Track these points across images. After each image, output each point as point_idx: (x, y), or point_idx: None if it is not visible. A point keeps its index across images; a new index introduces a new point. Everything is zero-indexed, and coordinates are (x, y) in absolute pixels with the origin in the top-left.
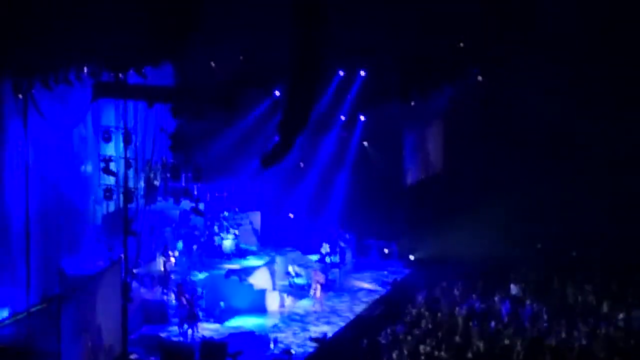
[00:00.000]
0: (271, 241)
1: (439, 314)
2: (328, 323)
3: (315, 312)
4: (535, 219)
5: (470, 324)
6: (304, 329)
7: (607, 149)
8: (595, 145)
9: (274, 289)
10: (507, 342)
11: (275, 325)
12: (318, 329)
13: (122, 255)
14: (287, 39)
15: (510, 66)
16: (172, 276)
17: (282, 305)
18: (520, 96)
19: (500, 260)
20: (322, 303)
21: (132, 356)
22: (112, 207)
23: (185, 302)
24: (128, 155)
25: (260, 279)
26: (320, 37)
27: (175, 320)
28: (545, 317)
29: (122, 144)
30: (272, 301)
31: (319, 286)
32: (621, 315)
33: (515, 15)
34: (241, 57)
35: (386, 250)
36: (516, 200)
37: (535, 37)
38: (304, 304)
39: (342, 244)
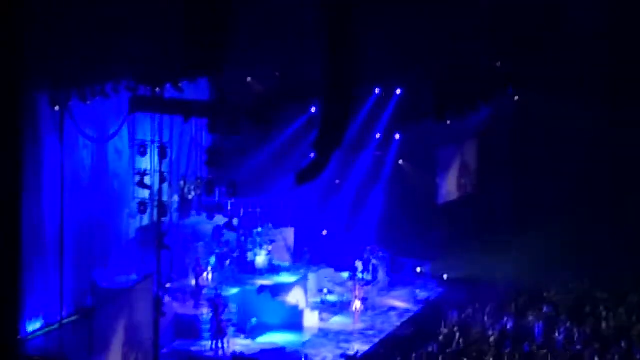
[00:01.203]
0: (304, 258)
1: (471, 334)
2: (360, 341)
3: (353, 329)
4: (572, 244)
5: (503, 344)
6: (336, 347)
7: None
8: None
9: (306, 305)
10: None
11: (307, 342)
12: (350, 347)
13: (155, 269)
14: (323, 54)
15: (546, 86)
16: (205, 291)
17: (314, 322)
18: (557, 116)
19: (534, 283)
20: (359, 318)
21: None
22: (145, 221)
23: (217, 317)
24: (163, 169)
25: (292, 295)
26: (355, 54)
27: (207, 335)
28: (578, 339)
29: (157, 158)
30: (305, 318)
31: (359, 301)
32: None
33: (550, 34)
34: (277, 73)
35: (419, 269)
36: (553, 224)
37: (569, 55)
38: (337, 321)
39: (374, 262)
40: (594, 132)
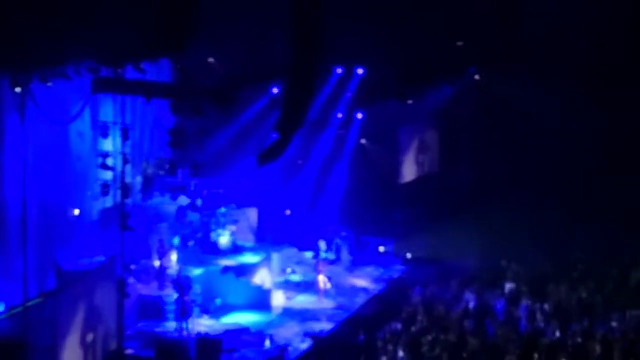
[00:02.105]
0: (268, 237)
1: (434, 312)
2: (324, 320)
3: (317, 308)
4: (533, 220)
5: (466, 322)
6: (301, 326)
7: (606, 149)
8: (594, 147)
9: (270, 285)
10: (501, 340)
11: (271, 322)
12: (314, 326)
13: (119, 251)
14: (286, 36)
15: (508, 66)
16: (168, 272)
17: (278, 301)
18: (518, 96)
19: (496, 260)
20: (325, 295)
21: (128, 351)
22: (109, 203)
23: (181, 297)
24: (125, 150)
25: (257, 275)
26: (317, 34)
27: (171, 316)
28: (540, 315)
29: (119, 140)
30: (269, 298)
31: (323, 280)
32: (616, 315)
33: (513, 14)
34: (240, 54)
35: (382, 248)
36: (514, 202)
37: (533, 37)
38: (301, 300)
39: (338, 241)
40: (555, 112)
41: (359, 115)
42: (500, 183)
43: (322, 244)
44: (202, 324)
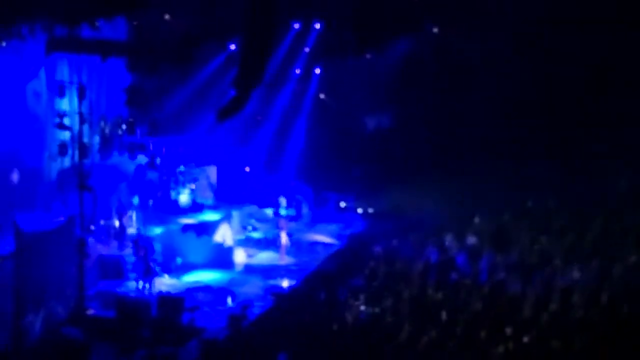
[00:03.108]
0: (227, 195)
1: (396, 267)
2: (286, 277)
3: (279, 265)
4: (490, 172)
5: (427, 276)
6: (263, 283)
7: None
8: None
9: (231, 243)
10: (463, 293)
11: (232, 280)
12: (276, 283)
13: (78, 211)
14: None
15: (465, 19)
16: (129, 231)
17: (240, 259)
18: (475, 50)
19: (457, 214)
20: (287, 252)
21: (89, 312)
22: (67, 163)
23: (141, 257)
24: (82, 110)
25: (218, 233)
26: None
27: (132, 275)
28: (501, 268)
29: (76, 99)
30: (230, 255)
31: (285, 237)
32: (576, 267)
33: None
34: (196, 11)
35: (343, 204)
36: (476, 156)
37: None
38: (263, 257)
39: (298, 197)
40: (514, 65)
41: (317, 71)
42: (462, 138)
43: (283, 201)
44: (164, 283)
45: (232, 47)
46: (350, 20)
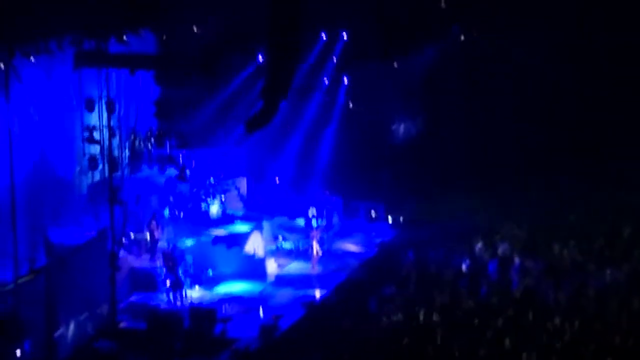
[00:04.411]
0: (258, 206)
1: (427, 275)
2: (316, 287)
3: (311, 274)
4: (520, 180)
5: (459, 283)
6: (294, 294)
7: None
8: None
9: (262, 253)
10: (495, 300)
11: (264, 290)
12: (307, 293)
13: (109, 225)
14: (268, 2)
15: (492, 24)
16: (160, 244)
17: (271, 269)
18: (503, 55)
19: (488, 221)
20: (317, 264)
21: (121, 324)
22: (97, 177)
23: (173, 269)
24: (111, 123)
25: (249, 244)
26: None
27: (164, 287)
28: (532, 275)
29: (105, 113)
30: (261, 266)
31: (316, 247)
32: (608, 272)
33: None
34: (223, 23)
35: (373, 212)
36: (506, 163)
37: None
38: (294, 268)
39: (328, 207)
40: (543, 70)
41: (345, 80)
42: (492, 145)
43: (313, 211)
44: (195, 295)
45: (261, 58)
46: (376, 28)
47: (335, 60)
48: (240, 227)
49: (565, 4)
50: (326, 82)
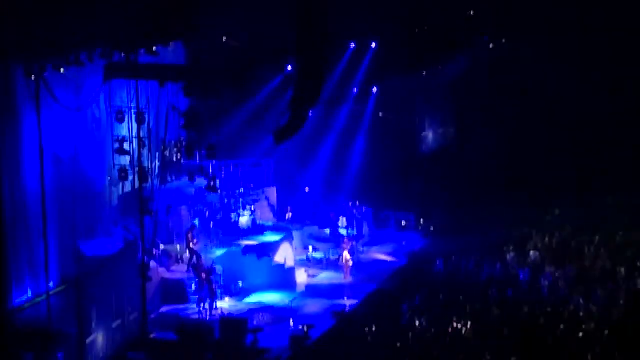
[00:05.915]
0: (292, 217)
1: (458, 283)
2: (348, 296)
3: (341, 283)
4: (551, 189)
5: (489, 292)
6: (324, 303)
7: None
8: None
9: (292, 263)
10: (526, 309)
11: (294, 300)
12: (337, 303)
13: (140, 235)
14: (296, 12)
15: (521, 35)
16: (190, 255)
17: (301, 279)
18: (532, 65)
19: (518, 230)
20: (348, 274)
21: (152, 335)
22: (127, 188)
23: (203, 280)
24: (141, 134)
25: (279, 254)
26: (327, 9)
27: (195, 298)
28: (563, 283)
29: (135, 124)
30: (291, 276)
31: (347, 256)
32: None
33: None
34: (252, 34)
35: (403, 222)
36: (535, 172)
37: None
38: (324, 277)
39: (358, 217)
40: (569, 79)
41: (374, 89)
42: (522, 153)
43: (343, 221)
44: (225, 305)
45: (289, 68)
46: (405, 37)
47: (364, 70)
48: (270, 237)
49: (595, 12)
50: (355, 91)
